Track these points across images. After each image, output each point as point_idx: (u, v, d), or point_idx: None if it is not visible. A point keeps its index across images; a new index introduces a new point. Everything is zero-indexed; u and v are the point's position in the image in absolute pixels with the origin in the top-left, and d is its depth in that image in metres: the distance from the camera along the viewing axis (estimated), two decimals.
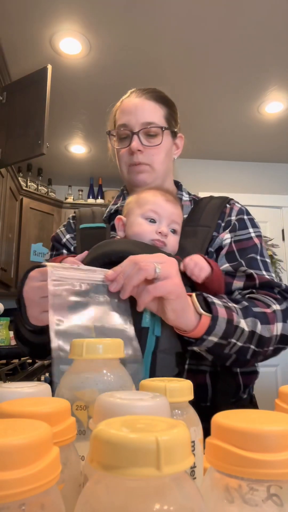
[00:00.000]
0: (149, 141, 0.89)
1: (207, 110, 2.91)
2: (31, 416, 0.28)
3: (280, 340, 0.75)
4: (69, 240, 0.95)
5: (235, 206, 0.93)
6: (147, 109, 0.90)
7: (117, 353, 0.44)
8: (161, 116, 0.93)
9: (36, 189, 3.70)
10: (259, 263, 0.84)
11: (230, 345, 0.68)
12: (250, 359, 0.72)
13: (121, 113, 0.92)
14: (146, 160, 0.89)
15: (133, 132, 0.88)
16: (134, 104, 0.91)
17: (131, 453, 0.20)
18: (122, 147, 0.91)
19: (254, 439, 0.24)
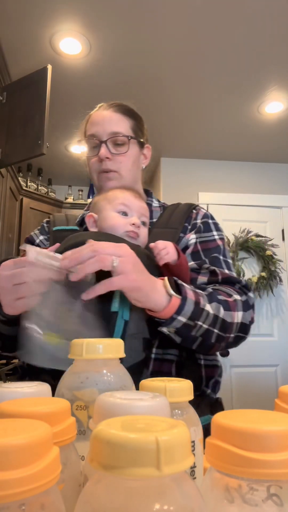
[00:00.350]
0: (117, 149, 0.96)
1: (207, 110, 2.91)
2: (31, 416, 0.28)
3: (240, 329, 0.82)
4: (43, 241, 1.00)
5: (200, 211, 1.01)
6: (114, 120, 0.97)
7: (117, 353, 0.44)
8: (128, 127, 0.99)
9: (36, 189, 3.70)
10: (222, 262, 0.91)
11: (196, 327, 0.73)
12: (214, 343, 0.77)
13: (91, 125, 0.99)
14: (114, 167, 0.95)
15: (101, 141, 0.95)
16: (102, 116, 0.98)
17: (131, 453, 0.20)
18: (92, 155, 0.98)
19: (254, 439, 0.24)
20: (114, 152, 0.95)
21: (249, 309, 0.85)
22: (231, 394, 3.14)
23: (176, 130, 3.16)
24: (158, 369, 0.80)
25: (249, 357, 3.22)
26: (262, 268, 3.36)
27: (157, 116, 2.95)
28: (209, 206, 3.47)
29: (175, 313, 0.71)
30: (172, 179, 3.53)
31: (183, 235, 0.94)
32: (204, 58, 2.37)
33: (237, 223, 3.43)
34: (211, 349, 0.80)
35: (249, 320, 0.84)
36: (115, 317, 0.72)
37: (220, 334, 0.77)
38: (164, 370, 0.80)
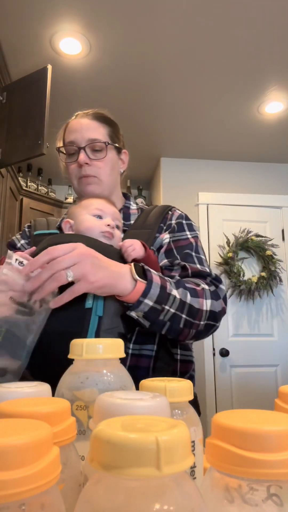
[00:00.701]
0: (95, 155, 1.00)
1: (207, 110, 2.91)
2: (31, 416, 0.28)
3: (210, 317, 0.84)
4: (24, 245, 1.03)
5: (175, 212, 1.05)
6: (91, 127, 1.02)
7: (117, 353, 0.44)
8: (105, 134, 1.03)
9: (36, 189, 3.70)
10: (194, 257, 0.94)
11: (164, 312, 0.76)
12: (182, 328, 0.80)
13: (69, 132, 1.04)
14: (93, 172, 1.00)
15: (80, 147, 1.00)
16: (80, 124, 1.02)
17: (131, 453, 0.20)
18: (71, 162, 1.02)
19: (254, 439, 0.24)
20: (93, 158, 1.00)
21: (219, 299, 0.87)
22: (231, 394, 3.14)
23: (176, 130, 3.16)
24: (136, 364, 0.83)
25: (249, 357, 3.22)
26: (262, 268, 3.36)
27: (157, 116, 2.95)
28: (209, 206, 3.48)
29: (141, 296, 0.74)
30: (172, 179, 3.53)
31: (158, 235, 0.98)
32: (204, 58, 2.37)
33: (237, 223, 3.43)
34: (180, 334, 0.82)
35: (219, 310, 0.86)
36: (89, 313, 0.74)
37: (188, 319, 0.80)
38: (141, 365, 0.84)
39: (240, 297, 3.28)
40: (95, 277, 0.70)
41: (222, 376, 3.17)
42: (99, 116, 1.05)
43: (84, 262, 0.70)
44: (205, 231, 3.41)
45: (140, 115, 2.94)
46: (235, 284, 3.26)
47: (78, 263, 0.70)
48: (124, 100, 2.75)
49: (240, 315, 3.29)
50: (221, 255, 3.33)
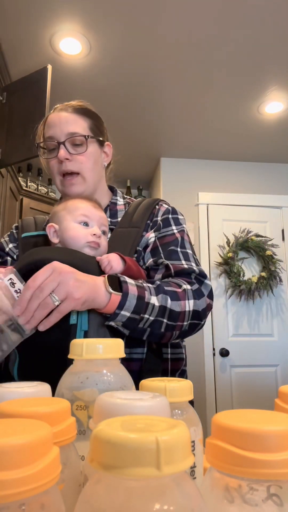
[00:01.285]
0: (75, 149, 0.96)
1: (207, 110, 2.91)
2: (31, 416, 0.28)
3: (193, 316, 0.84)
4: (12, 249, 1.01)
5: (162, 206, 1.01)
6: (70, 121, 0.97)
7: (117, 353, 0.44)
8: (85, 127, 0.99)
9: (36, 189, 3.70)
10: (179, 254, 0.93)
11: (143, 320, 0.77)
12: (164, 332, 0.81)
13: (47, 127, 0.99)
14: (75, 168, 0.95)
15: (59, 142, 0.95)
16: (58, 118, 0.98)
17: (131, 453, 0.20)
18: (51, 157, 0.97)
19: (254, 439, 0.24)
20: (73, 153, 0.95)
21: (202, 297, 0.87)
22: (231, 394, 3.14)
23: (176, 130, 3.16)
24: (127, 368, 0.82)
25: (249, 357, 3.22)
26: (262, 268, 3.36)
27: (157, 116, 2.95)
28: (209, 206, 3.48)
29: (117, 308, 0.75)
30: (172, 179, 3.53)
31: (145, 233, 0.96)
32: (204, 58, 2.37)
33: (237, 223, 3.43)
34: (162, 338, 0.82)
35: (203, 307, 0.86)
36: (75, 329, 0.75)
37: (169, 323, 0.80)
38: (133, 368, 0.83)
39: (240, 297, 3.28)
40: (79, 293, 0.71)
41: (222, 376, 3.17)
42: (78, 109, 1.00)
43: (66, 282, 0.71)
44: (205, 231, 3.41)
45: (140, 115, 2.94)
46: (235, 284, 3.26)
47: (60, 284, 0.70)
48: (124, 100, 2.75)
49: (240, 315, 3.29)
50: (221, 255, 3.33)
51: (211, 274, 3.32)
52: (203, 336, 3.18)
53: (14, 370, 0.77)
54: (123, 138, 3.08)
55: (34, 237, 0.98)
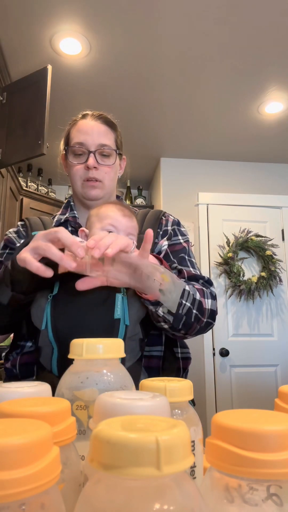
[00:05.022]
0: (103, 160, 1.02)
1: (207, 110, 2.91)
2: (31, 416, 0.28)
3: (210, 315, 0.89)
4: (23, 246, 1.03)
5: (169, 218, 1.09)
6: (102, 132, 1.03)
7: (117, 353, 0.44)
8: (113, 140, 1.05)
9: (36, 189, 3.70)
10: (187, 261, 1.00)
11: (182, 306, 0.81)
12: (193, 322, 0.84)
13: (78, 132, 1.04)
14: (99, 176, 1.01)
15: (89, 150, 1.01)
16: (90, 126, 1.03)
17: (131, 453, 0.20)
18: (78, 163, 1.03)
19: (254, 439, 0.24)
20: (101, 163, 1.01)
21: (215, 300, 0.92)
22: (231, 394, 3.14)
23: (176, 130, 3.16)
24: (147, 365, 0.88)
25: (249, 357, 3.22)
26: (262, 268, 3.36)
27: (157, 116, 2.95)
28: (209, 206, 3.48)
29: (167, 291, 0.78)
30: (172, 179, 3.53)
31: (157, 240, 1.03)
32: (204, 59, 2.37)
33: (237, 223, 3.43)
34: (190, 328, 0.85)
35: (216, 309, 0.92)
36: (118, 323, 0.79)
37: (197, 314, 0.85)
38: (153, 365, 0.89)
39: (240, 297, 3.28)
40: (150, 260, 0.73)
41: (222, 376, 3.17)
42: (109, 121, 1.06)
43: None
44: (205, 231, 3.41)
45: (140, 115, 2.94)
46: (235, 284, 3.26)
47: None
48: (124, 100, 2.75)
49: (240, 315, 3.29)
50: (221, 255, 3.33)
51: (211, 274, 3.32)
52: (203, 336, 3.18)
53: (52, 364, 0.79)
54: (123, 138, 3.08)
55: None
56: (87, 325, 0.78)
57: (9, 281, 0.77)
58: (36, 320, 0.83)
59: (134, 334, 0.82)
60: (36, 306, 0.83)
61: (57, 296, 0.82)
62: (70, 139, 1.08)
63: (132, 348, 0.82)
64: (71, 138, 1.07)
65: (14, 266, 0.75)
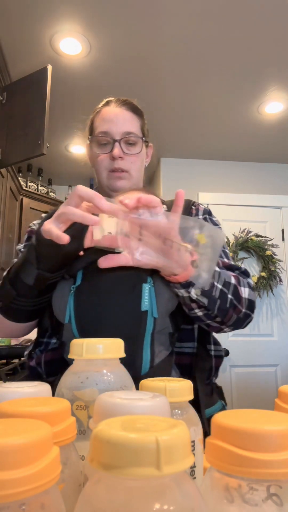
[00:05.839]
0: (129, 149, 0.96)
1: (207, 110, 2.91)
2: (31, 416, 0.28)
3: (248, 306, 0.82)
4: None
5: (200, 207, 1.03)
6: (127, 119, 0.96)
7: (117, 353, 0.44)
8: (139, 127, 0.99)
9: (36, 189, 3.70)
10: (222, 252, 0.96)
11: (214, 288, 0.75)
12: (229, 308, 0.78)
13: (102, 121, 0.97)
14: (125, 166, 0.95)
15: (114, 139, 0.94)
16: (115, 114, 0.96)
17: (131, 453, 0.20)
18: (102, 153, 0.96)
19: (254, 439, 0.24)
20: (127, 152, 0.95)
21: (253, 291, 0.86)
22: (231, 394, 3.14)
23: (176, 130, 3.16)
24: (179, 362, 0.82)
25: (249, 357, 3.22)
26: (262, 268, 3.36)
27: (157, 116, 2.95)
28: (209, 206, 3.47)
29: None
30: (172, 179, 3.53)
31: None
32: (204, 59, 2.37)
33: (237, 223, 3.43)
34: (227, 315, 0.79)
35: (255, 299, 0.85)
36: (145, 315, 0.74)
37: (233, 299, 0.78)
38: (184, 362, 0.83)
39: None
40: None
41: (222, 376, 3.17)
42: (134, 107, 0.99)
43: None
44: None
45: None
46: None
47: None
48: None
49: None
50: None
51: None
52: None
53: None
54: None
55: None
56: (113, 317, 0.73)
57: (34, 257, 0.72)
58: (59, 313, 0.78)
59: (164, 327, 0.77)
60: (59, 298, 0.79)
61: (81, 287, 0.77)
62: (94, 128, 1.01)
63: (162, 343, 0.77)
64: (95, 127, 1.00)
65: (40, 240, 0.70)
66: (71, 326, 0.75)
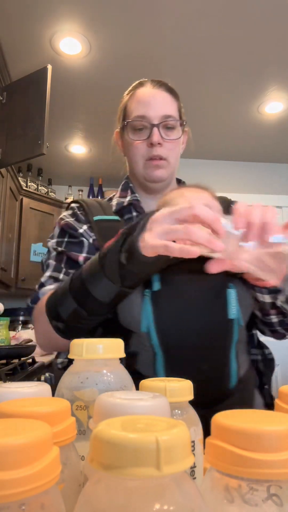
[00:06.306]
0: (167, 134, 0.87)
1: (207, 110, 2.91)
2: (31, 416, 0.28)
3: None
4: (87, 231, 0.87)
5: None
6: (166, 101, 0.88)
7: (117, 353, 0.44)
8: (176, 109, 0.90)
9: (36, 189, 3.70)
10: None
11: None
12: None
13: (138, 104, 0.88)
14: (164, 153, 0.87)
15: (152, 124, 0.85)
16: (152, 95, 0.88)
17: (131, 453, 0.20)
18: (138, 139, 0.87)
19: (254, 439, 0.24)
20: (165, 137, 0.87)
21: None
22: None
23: None
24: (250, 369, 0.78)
25: None
26: None
27: None
28: None
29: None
30: None
31: None
32: (204, 58, 2.37)
33: None
34: None
35: None
36: (232, 323, 0.68)
37: None
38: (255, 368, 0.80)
39: None
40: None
41: None
42: (170, 88, 0.92)
43: None
44: None
45: None
46: None
47: None
48: None
49: None
50: None
51: None
52: None
53: (157, 370, 0.67)
54: None
55: (107, 221, 0.87)
56: (197, 325, 0.67)
57: (118, 275, 0.61)
58: (131, 321, 0.69)
59: (243, 338, 0.72)
60: (129, 305, 0.69)
61: (159, 293, 0.68)
62: (128, 112, 0.91)
63: (243, 352, 0.72)
64: (129, 111, 0.90)
65: (134, 258, 0.58)
66: (148, 335, 0.67)
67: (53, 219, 3.81)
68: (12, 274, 3.31)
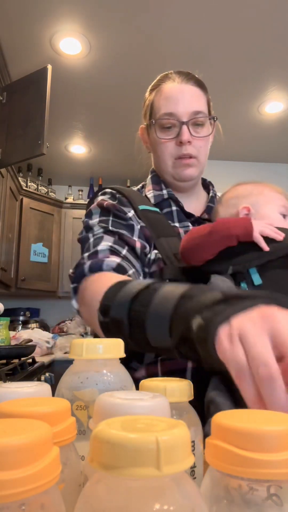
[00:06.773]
0: (197, 131, 0.84)
1: None
2: (31, 416, 0.28)
3: None
4: (135, 217, 0.83)
5: None
6: (195, 96, 0.84)
7: (117, 353, 0.44)
8: (205, 104, 0.86)
9: (36, 189, 3.70)
10: None
11: None
12: None
13: (165, 100, 0.84)
14: (194, 152, 0.84)
15: (182, 122, 0.82)
16: (181, 91, 0.83)
17: (131, 453, 0.20)
18: (167, 138, 0.84)
19: (254, 439, 0.24)
20: (195, 135, 0.83)
21: None
22: None
23: None
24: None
25: None
26: None
27: None
28: None
29: None
30: None
31: None
32: (204, 59, 2.37)
33: None
34: None
35: None
36: None
37: None
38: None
39: None
40: None
41: None
42: (199, 81, 0.86)
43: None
44: None
45: (140, 115, 2.94)
46: None
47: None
48: (124, 99, 2.75)
49: None
50: None
51: None
52: None
53: None
54: (122, 137, 3.08)
55: (152, 212, 0.84)
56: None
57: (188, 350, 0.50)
58: None
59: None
60: None
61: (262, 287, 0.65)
62: (155, 109, 0.87)
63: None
64: (156, 107, 0.86)
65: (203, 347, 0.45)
66: None
67: (53, 219, 3.81)
68: (12, 274, 3.31)
